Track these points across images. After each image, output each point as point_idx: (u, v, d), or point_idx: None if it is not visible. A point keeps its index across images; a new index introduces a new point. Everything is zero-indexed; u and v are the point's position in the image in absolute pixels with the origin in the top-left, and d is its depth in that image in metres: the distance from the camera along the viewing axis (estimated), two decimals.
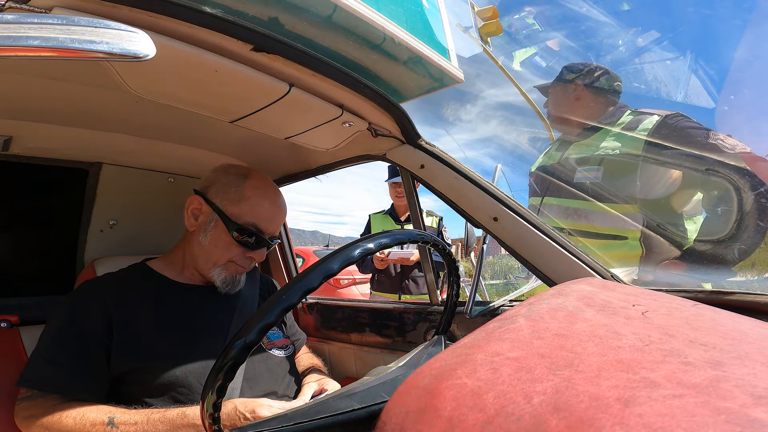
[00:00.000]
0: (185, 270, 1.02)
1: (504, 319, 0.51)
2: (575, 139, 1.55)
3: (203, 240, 0.97)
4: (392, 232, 0.60)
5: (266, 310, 0.47)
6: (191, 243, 1.00)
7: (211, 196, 0.98)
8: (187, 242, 1.02)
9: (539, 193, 1.61)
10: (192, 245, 1.00)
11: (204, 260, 0.98)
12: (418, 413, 0.38)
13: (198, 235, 0.98)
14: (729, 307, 0.59)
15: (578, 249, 0.91)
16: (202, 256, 0.98)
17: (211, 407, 0.47)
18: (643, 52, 2.12)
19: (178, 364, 0.86)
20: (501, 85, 2.15)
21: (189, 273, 1.02)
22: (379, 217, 2.60)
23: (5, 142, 1.07)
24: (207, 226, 0.96)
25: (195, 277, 1.02)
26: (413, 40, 0.93)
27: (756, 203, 1.11)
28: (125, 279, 0.97)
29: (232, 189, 0.97)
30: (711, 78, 1.73)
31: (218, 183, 0.99)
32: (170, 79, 0.77)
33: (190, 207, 0.99)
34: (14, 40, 0.38)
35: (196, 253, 0.99)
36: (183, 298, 0.97)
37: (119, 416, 0.77)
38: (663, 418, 0.28)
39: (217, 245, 0.96)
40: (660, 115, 1.36)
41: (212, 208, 0.96)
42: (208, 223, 0.96)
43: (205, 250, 0.97)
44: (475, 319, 1.00)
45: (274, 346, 1.05)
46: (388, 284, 2.52)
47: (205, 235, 0.96)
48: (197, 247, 0.98)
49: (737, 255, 1.13)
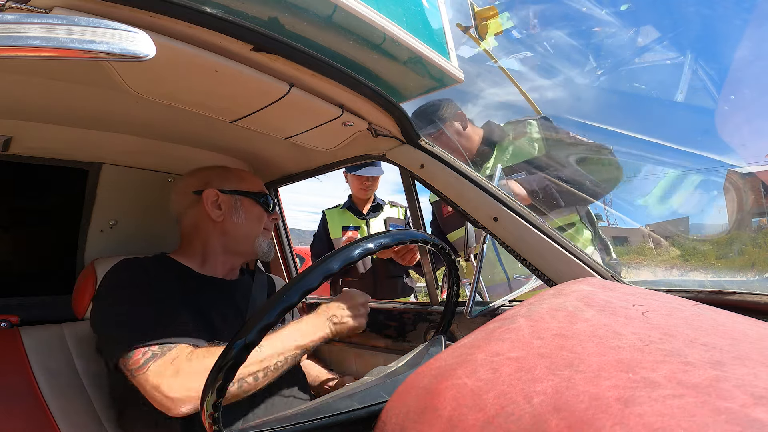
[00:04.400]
0: (206, 263, 1.06)
1: (504, 319, 0.51)
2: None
3: (238, 219, 1.06)
4: (392, 233, 0.60)
5: (266, 310, 0.47)
6: (217, 232, 1.06)
7: (220, 185, 1.07)
8: (209, 234, 1.06)
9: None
10: (221, 233, 1.06)
11: (244, 238, 1.07)
12: (418, 413, 0.38)
13: (231, 218, 1.06)
14: (729, 307, 0.59)
15: (578, 249, 0.91)
16: (242, 234, 1.07)
17: (211, 407, 0.47)
18: (643, 52, 2.12)
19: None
20: (501, 85, 2.15)
21: (211, 265, 1.06)
22: (336, 212, 2.28)
23: (5, 142, 1.07)
24: (235, 208, 1.07)
25: (217, 269, 1.07)
26: (413, 40, 0.93)
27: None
28: (153, 265, 0.99)
29: (230, 175, 1.11)
30: (711, 78, 1.73)
31: (215, 176, 1.10)
32: (170, 79, 0.77)
33: (209, 201, 1.05)
34: (14, 40, 0.38)
35: (232, 237, 1.06)
36: (207, 288, 1.01)
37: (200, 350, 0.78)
38: (663, 418, 0.28)
39: (251, 218, 1.08)
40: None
41: (230, 193, 1.07)
42: (234, 205, 1.07)
43: (244, 228, 1.07)
44: (475, 319, 1.00)
45: None
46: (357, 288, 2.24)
47: (239, 215, 1.07)
48: (233, 230, 1.06)
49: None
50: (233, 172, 1.13)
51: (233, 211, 1.06)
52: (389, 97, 0.96)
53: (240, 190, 1.09)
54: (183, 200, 1.08)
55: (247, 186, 1.11)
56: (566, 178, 1.37)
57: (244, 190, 1.09)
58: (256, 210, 1.10)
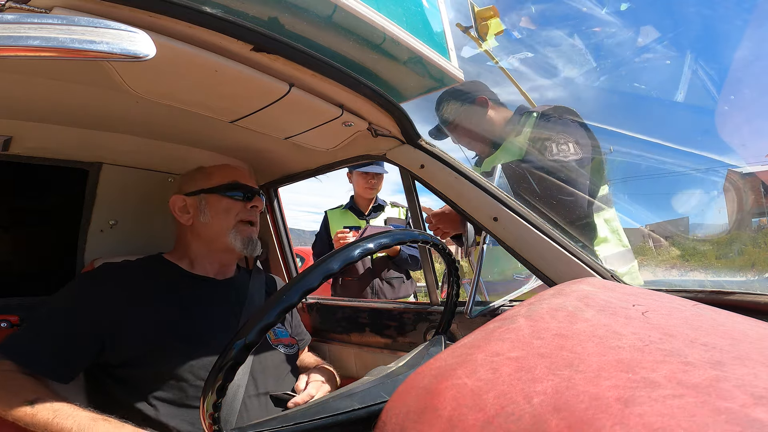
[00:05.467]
0: (195, 264, 1.07)
1: (504, 319, 0.51)
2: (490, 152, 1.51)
3: (205, 219, 1.04)
4: (392, 233, 0.60)
5: (266, 310, 0.47)
6: (192, 235, 1.07)
7: (186, 189, 1.08)
8: (188, 237, 1.08)
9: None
10: (195, 236, 1.06)
11: (216, 235, 1.05)
12: (418, 413, 0.38)
13: (198, 220, 1.05)
14: (729, 307, 0.59)
15: (578, 249, 0.91)
16: (212, 233, 1.05)
17: (211, 407, 0.47)
18: (643, 51, 2.12)
19: (190, 351, 0.88)
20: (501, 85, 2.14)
21: (200, 265, 1.07)
22: (338, 213, 2.29)
23: (5, 142, 1.07)
24: (200, 207, 1.05)
25: (206, 269, 1.07)
26: (413, 40, 0.93)
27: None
28: (144, 266, 1.01)
29: (197, 175, 1.10)
30: (711, 78, 1.73)
31: (185, 181, 1.11)
32: (170, 79, 0.77)
33: (176, 207, 1.07)
34: (14, 40, 0.38)
35: (204, 238, 1.05)
36: (198, 288, 1.02)
37: (40, 402, 0.73)
38: (663, 418, 0.28)
39: (218, 213, 1.05)
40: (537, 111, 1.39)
41: (195, 194, 1.06)
42: (199, 205, 1.05)
43: (213, 225, 1.04)
44: (475, 319, 1.00)
45: (280, 344, 1.06)
46: (356, 288, 2.13)
47: (205, 214, 1.05)
48: (203, 231, 1.05)
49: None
50: (200, 172, 1.11)
51: (199, 212, 1.05)
52: (389, 97, 0.96)
53: (203, 188, 1.06)
54: (171, 205, 1.09)
55: (213, 181, 1.07)
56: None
57: (207, 187, 1.06)
58: (222, 204, 1.05)
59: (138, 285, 0.94)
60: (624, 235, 1.38)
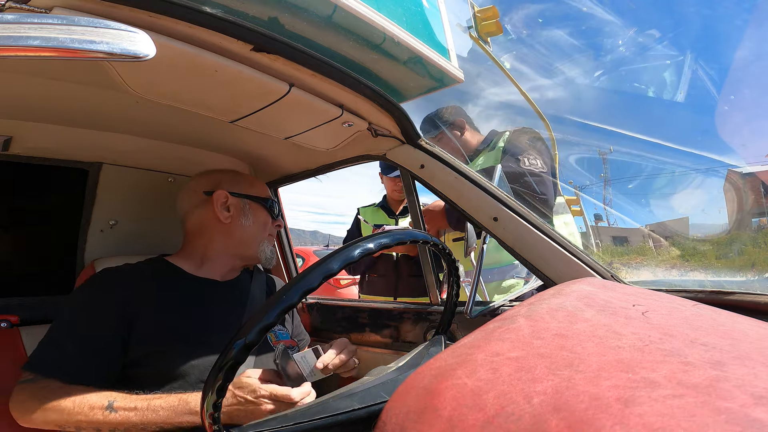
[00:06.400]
0: (205, 264, 1.06)
1: (504, 319, 0.51)
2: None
3: (246, 222, 1.08)
4: (392, 233, 0.60)
5: (266, 310, 0.47)
6: (222, 234, 1.06)
7: (230, 188, 1.08)
8: (213, 235, 1.07)
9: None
10: (224, 235, 1.06)
11: (250, 241, 1.09)
12: (418, 413, 0.38)
13: (238, 221, 1.07)
14: (729, 307, 0.59)
15: (578, 249, 0.91)
16: (248, 237, 1.08)
17: (211, 407, 0.47)
18: (643, 51, 2.12)
19: (192, 352, 0.88)
20: (501, 84, 2.15)
21: (210, 267, 1.06)
22: (370, 210, 2.31)
23: (5, 142, 1.07)
24: (244, 211, 1.08)
25: (215, 271, 1.07)
26: (413, 40, 0.93)
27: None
28: (145, 269, 1.01)
29: (240, 179, 1.13)
30: (711, 78, 1.74)
31: (226, 179, 1.11)
32: (170, 79, 0.77)
33: (218, 202, 1.06)
34: (14, 40, 0.38)
35: (235, 240, 1.07)
36: (199, 289, 1.01)
37: (119, 401, 0.77)
38: (663, 418, 0.28)
39: (258, 223, 1.10)
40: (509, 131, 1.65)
41: (240, 197, 1.09)
42: (243, 208, 1.08)
43: (250, 231, 1.08)
44: (475, 319, 1.00)
45: (281, 345, 1.06)
46: (381, 286, 2.19)
47: (247, 218, 1.08)
48: (240, 233, 1.07)
49: None
50: (243, 177, 1.16)
51: (241, 213, 1.08)
52: (389, 97, 0.96)
53: (249, 194, 1.11)
54: (192, 199, 1.09)
55: (255, 191, 1.13)
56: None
57: (253, 195, 1.11)
58: (263, 215, 1.11)
59: (139, 287, 0.94)
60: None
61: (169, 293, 0.96)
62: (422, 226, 1.28)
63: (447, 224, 1.60)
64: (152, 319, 0.90)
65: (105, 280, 0.95)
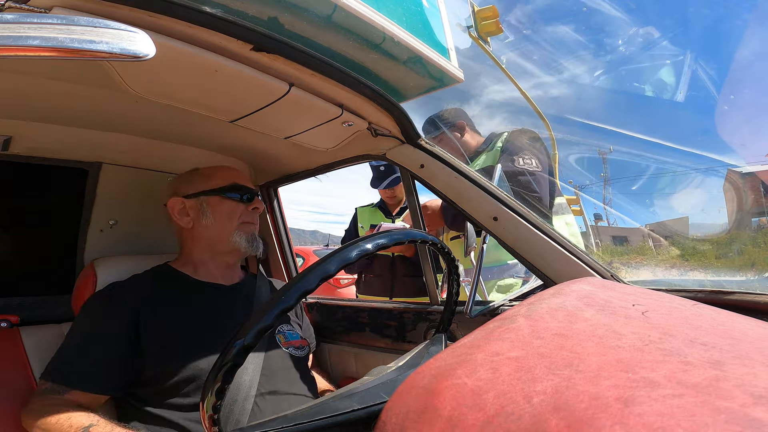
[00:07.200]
0: (198, 269, 1.06)
1: (504, 319, 0.51)
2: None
3: (207, 221, 1.04)
4: (391, 233, 0.60)
5: (264, 312, 0.47)
6: (194, 238, 1.06)
7: (185, 192, 1.06)
8: (189, 241, 1.07)
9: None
10: (197, 238, 1.05)
11: (219, 237, 1.04)
12: (418, 413, 0.38)
13: (200, 222, 1.04)
14: (729, 307, 0.59)
15: (578, 249, 0.91)
16: (215, 235, 1.04)
17: (211, 409, 0.47)
18: (643, 51, 2.13)
19: (200, 356, 0.88)
20: (501, 84, 2.15)
21: (204, 270, 1.06)
22: (368, 210, 2.35)
23: (5, 142, 1.07)
24: (202, 210, 1.04)
25: (212, 274, 1.07)
26: (413, 40, 0.93)
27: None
28: (153, 280, 1.01)
29: (194, 177, 1.09)
30: (711, 78, 1.74)
31: (181, 183, 1.09)
32: (170, 79, 0.77)
33: (175, 210, 1.06)
34: (14, 40, 0.38)
35: (206, 241, 1.05)
36: (207, 296, 1.02)
37: (99, 427, 0.77)
38: (663, 418, 0.28)
39: (222, 215, 1.04)
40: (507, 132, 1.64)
41: (195, 197, 1.05)
42: (200, 208, 1.04)
43: (216, 227, 1.04)
44: (475, 318, 1.00)
45: (291, 346, 1.06)
46: (378, 285, 2.22)
47: (207, 216, 1.04)
48: (206, 233, 1.04)
49: None
50: (199, 173, 1.10)
51: (200, 214, 1.04)
52: (389, 97, 0.96)
53: (203, 190, 1.05)
54: (166, 212, 1.09)
55: (212, 183, 1.06)
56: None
57: (207, 189, 1.05)
58: (226, 206, 1.05)
59: (148, 296, 0.95)
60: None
61: (177, 299, 0.97)
62: (422, 226, 1.28)
63: (443, 223, 1.61)
64: (160, 325, 0.91)
65: (115, 295, 0.95)
